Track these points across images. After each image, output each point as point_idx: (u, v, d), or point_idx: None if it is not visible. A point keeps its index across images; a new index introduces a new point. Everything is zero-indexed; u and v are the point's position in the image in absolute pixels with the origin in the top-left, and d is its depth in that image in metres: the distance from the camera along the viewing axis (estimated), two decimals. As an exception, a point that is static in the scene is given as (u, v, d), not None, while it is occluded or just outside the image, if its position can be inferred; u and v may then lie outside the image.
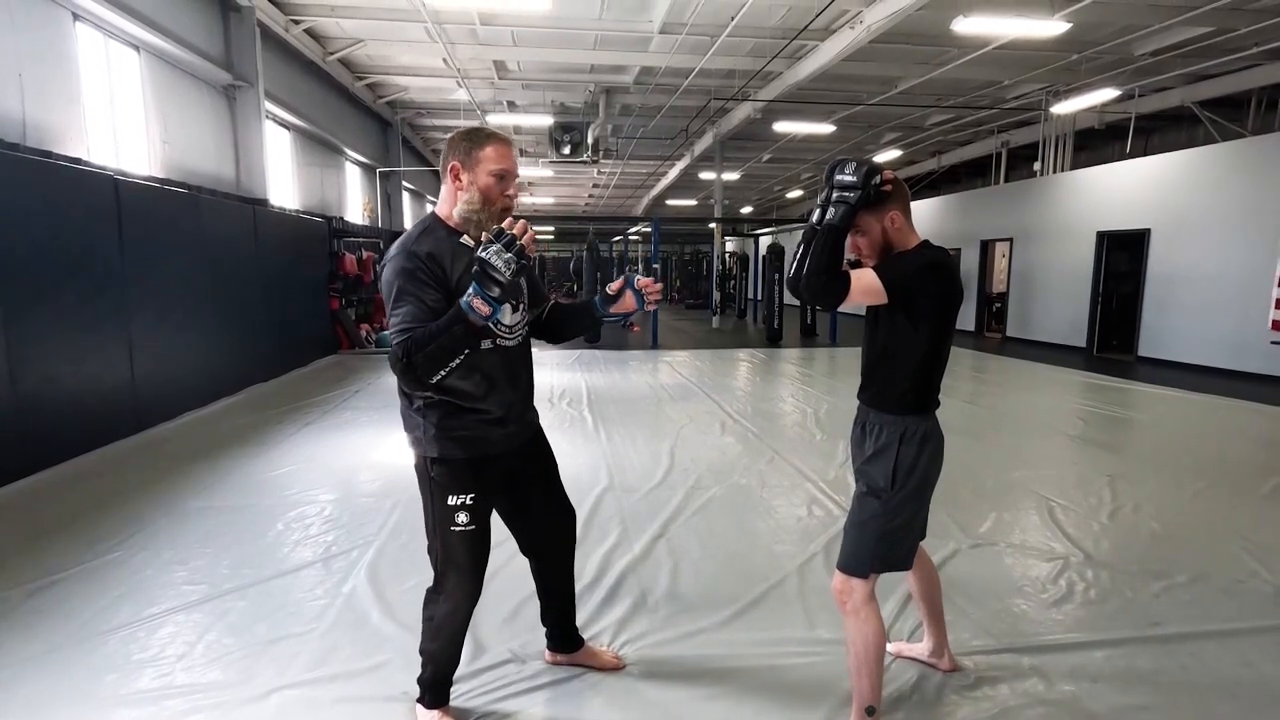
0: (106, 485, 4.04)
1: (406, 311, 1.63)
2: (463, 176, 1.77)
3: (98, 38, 5.88)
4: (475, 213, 1.75)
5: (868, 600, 1.83)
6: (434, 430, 1.80)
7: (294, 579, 2.88)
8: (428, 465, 1.83)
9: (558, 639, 2.25)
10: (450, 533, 1.83)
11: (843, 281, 1.75)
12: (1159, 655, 2.35)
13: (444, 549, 1.86)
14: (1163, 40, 8.64)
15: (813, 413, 6.24)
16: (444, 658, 1.95)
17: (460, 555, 1.85)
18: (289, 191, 9.87)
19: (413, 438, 1.85)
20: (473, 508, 1.83)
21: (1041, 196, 11.91)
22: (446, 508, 1.82)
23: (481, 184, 1.76)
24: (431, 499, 1.84)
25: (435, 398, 1.78)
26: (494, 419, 1.84)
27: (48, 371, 4.36)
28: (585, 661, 2.25)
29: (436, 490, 1.82)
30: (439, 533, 1.85)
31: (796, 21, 8.17)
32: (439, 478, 1.81)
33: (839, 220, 1.74)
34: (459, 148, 1.77)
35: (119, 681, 2.15)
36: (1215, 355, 8.78)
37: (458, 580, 1.87)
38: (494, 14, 8.26)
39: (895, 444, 1.83)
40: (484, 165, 1.76)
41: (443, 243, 1.74)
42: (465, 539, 1.83)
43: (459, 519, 1.82)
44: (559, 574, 2.18)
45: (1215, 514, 3.71)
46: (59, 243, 4.47)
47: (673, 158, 16.74)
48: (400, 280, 1.66)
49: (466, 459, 1.82)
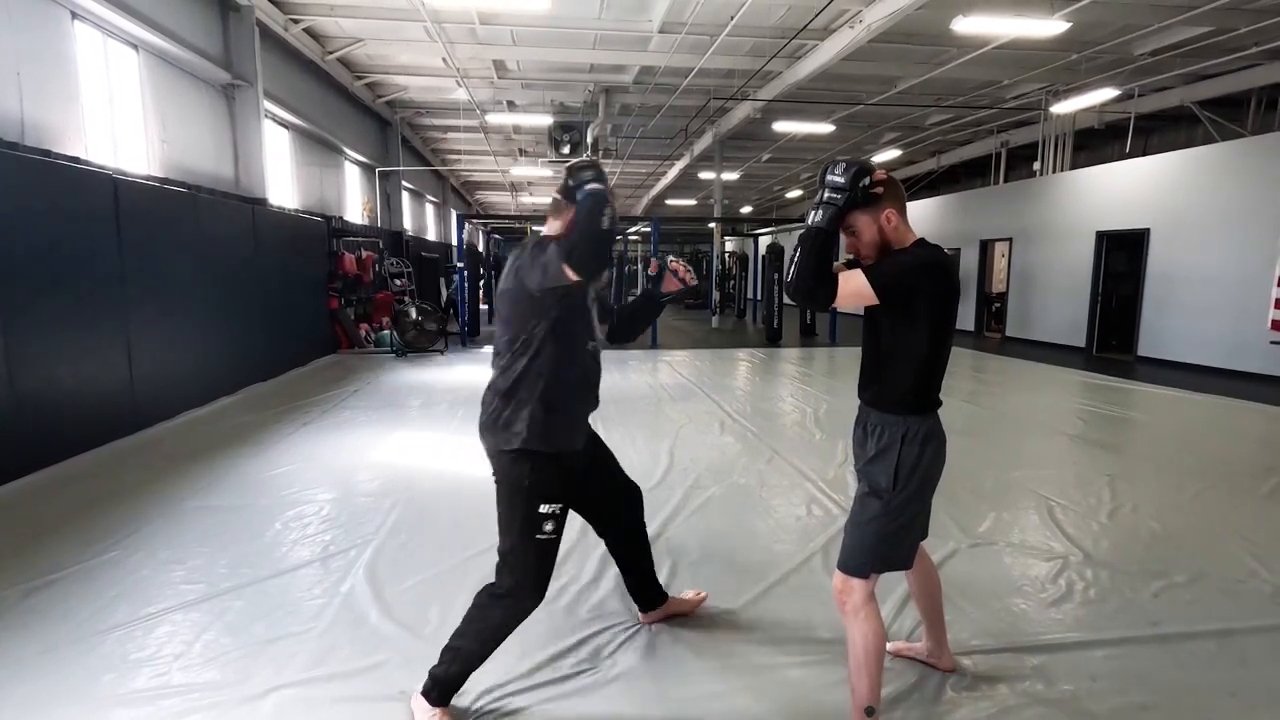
0: (104, 485, 4.03)
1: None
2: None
3: (96, 36, 5.87)
4: None
5: (867, 600, 1.83)
6: (536, 426, 1.93)
7: (292, 578, 2.87)
8: (524, 467, 1.92)
9: (647, 600, 2.47)
10: (534, 540, 1.92)
11: (830, 285, 1.75)
12: (1158, 655, 2.35)
13: (523, 554, 1.93)
14: (1162, 40, 8.64)
15: (812, 412, 6.24)
16: (476, 661, 1.98)
17: (538, 562, 1.95)
18: (288, 191, 9.86)
19: (509, 434, 1.94)
20: (559, 518, 1.95)
21: (1041, 196, 11.91)
22: (537, 515, 1.92)
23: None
24: (523, 503, 1.92)
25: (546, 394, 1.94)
26: (577, 420, 2.06)
27: (46, 371, 4.35)
28: (676, 610, 2.51)
29: (530, 494, 1.92)
30: (523, 538, 1.92)
31: (796, 21, 8.16)
32: (535, 483, 1.92)
33: (825, 223, 1.74)
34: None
35: (116, 681, 2.15)
36: (1214, 355, 8.78)
37: (528, 587, 1.94)
38: (493, 13, 8.25)
39: (897, 444, 1.82)
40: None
41: None
42: (547, 548, 1.95)
43: (546, 527, 1.93)
44: (636, 542, 2.42)
45: (1214, 514, 3.71)
46: (57, 242, 4.46)
47: (672, 157, 16.74)
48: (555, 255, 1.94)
49: (558, 454, 1.97)
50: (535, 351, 1.93)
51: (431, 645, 2.34)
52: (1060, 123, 11.60)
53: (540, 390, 1.93)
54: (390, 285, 12.02)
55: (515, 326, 1.96)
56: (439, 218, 20.55)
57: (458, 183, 22.53)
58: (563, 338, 1.95)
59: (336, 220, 10.83)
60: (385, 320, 11.22)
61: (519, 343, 1.95)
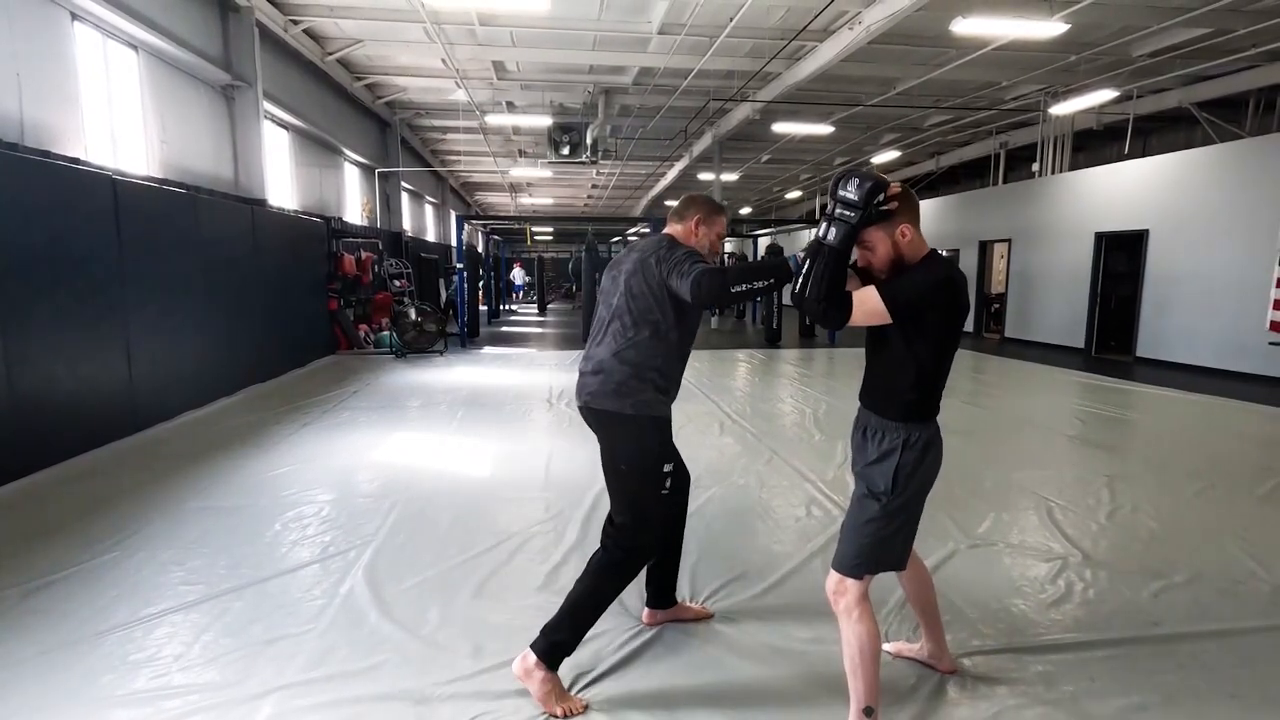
0: (104, 486, 4.03)
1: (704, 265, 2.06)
2: (700, 228, 2.28)
3: (96, 37, 5.87)
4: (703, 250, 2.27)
5: (861, 600, 1.83)
6: (659, 394, 2.14)
7: (291, 579, 2.87)
8: (652, 432, 2.12)
9: (658, 597, 2.51)
10: (660, 496, 2.14)
11: (844, 307, 1.73)
12: (1157, 655, 2.35)
13: (653, 510, 2.15)
14: (1161, 41, 8.65)
15: (811, 413, 6.24)
16: (595, 618, 2.13)
17: (658, 516, 2.17)
18: (287, 192, 9.86)
19: (634, 400, 2.11)
20: (673, 474, 2.18)
21: (1040, 197, 11.92)
22: (662, 474, 2.14)
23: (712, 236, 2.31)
24: (652, 464, 2.12)
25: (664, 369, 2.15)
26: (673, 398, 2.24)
27: (45, 371, 4.35)
28: (680, 616, 2.55)
29: (657, 459, 2.13)
30: (653, 497, 2.13)
31: (795, 22, 8.17)
32: (661, 445, 2.14)
33: (838, 242, 1.70)
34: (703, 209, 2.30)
35: (115, 682, 2.14)
36: (1213, 356, 8.79)
37: (649, 544, 2.16)
38: (493, 14, 8.26)
39: (898, 450, 1.82)
40: (715, 228, 2.31)
41: None
42: (666, 503, 2.19)
43: (667, 484, 2.15)
44: (677, 527, 2.48)
45: (1213, 514, 3.72)
46: (57, 243, 4.46)
47: (671, 158, 16.75)
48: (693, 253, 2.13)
49: (668, 421, 2.20)
50: (663, 331, 2.13)
51: (431, 646, 2.35)
52: (1059, 124, 11.62)
53: (661, 364, 2.13)
54: (389, 286, 12.02)
55: (645, 307, 2.13)
56: (438, 219, 20.55)
57: (457, 184, 22.53)
58: (684, 321, 2.17)
59: (336, 221, 10.83)
60: (384, 321, 11.21)
61: (647, 322, 2.13)
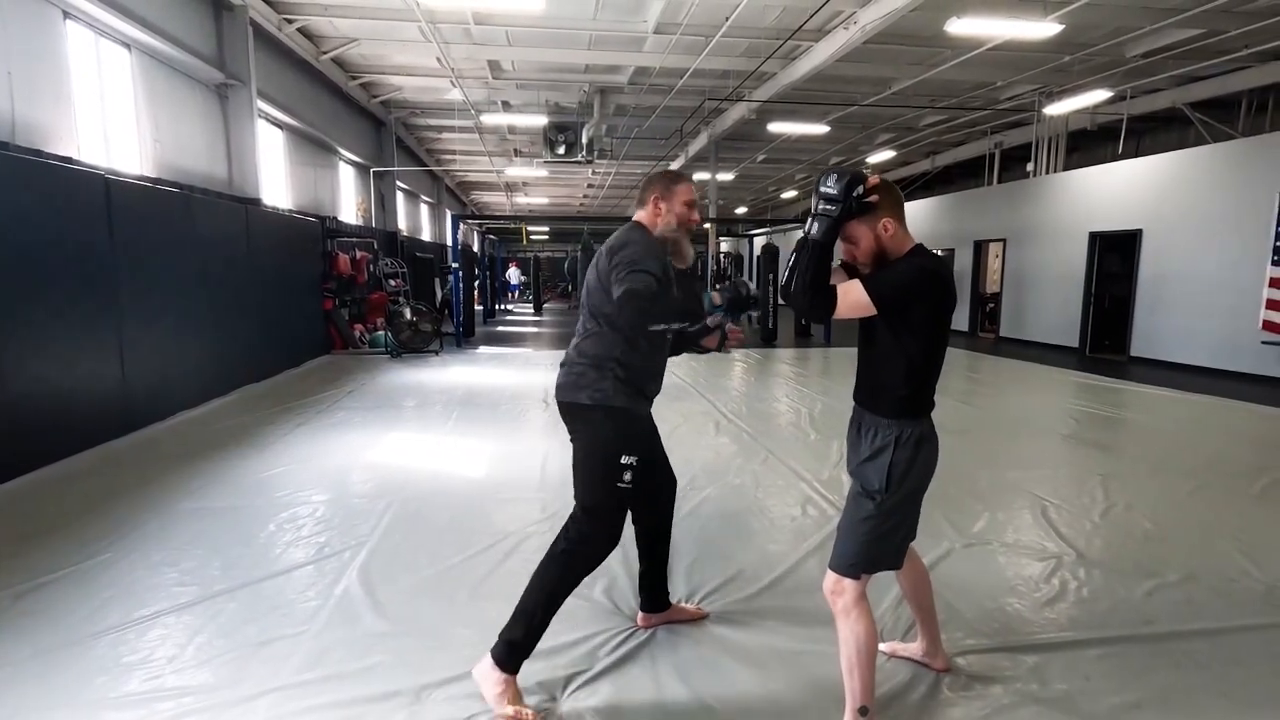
0: (97, 486, 4.01)
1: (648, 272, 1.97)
2: (662, 205, 2.20)
3: (88, 36, 5.83)
4: (672, 230, 2.20)
5: (859, 600, 1.83)
6: (620, 384, 2.09)
7: (286, 580, 2.86)
8: (608, 421, 2.08)
9: (651, 598, 2.50)
10: (615, 488, 2.07)
11: (828, 299, 1.75)
12: (1151, 654, 2.36)
13: (606, 502, 2.09)
14: (1154, 42, 8.69)
15: (807, 413, 6.25)
16: (552, 613, 2.07)
17: (617, 511, 2.11)
18: (282, 191, 9.83)
19: (591, 390, 2.09)
20: (637, 468, 2.10)
21: (1034, 197, 11.96)
22: (620, 465, 2.07)
23: (677, 211, 2.20)
24: (608, 454, 2.07)
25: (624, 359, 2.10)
26: (649, 393, 2.21)
27: (38, 371, 4.32)
28: (675, 617, 2.53)
29: (614, 446, 2.07)
30: (606, 487, 2.08)
31: (791, 22, 8.18)
32: (618, 435, 2.09)
33: (821, 235, 1.73)
34: (659, 185, 2.21)
35: (108, 684, 2.13)
36: (1206, 355, 8.84)
37: (603, 536, 2.09)
38: (488, 14, 8.24)
39: (891, 447, 1.83)
40: (678, 198, 2.20)
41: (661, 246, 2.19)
42: (624, 496, 2.10)
43: (626, 477, 2.08)
44: (662, 535, 2.47)
45: (1207, 513, 3.73)
46: (49, 242, 4.43)
47: (667, 158, 16.74)
48: (644, 254, 2.04)
49: (637, 414, 2.16)
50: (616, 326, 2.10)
51: (426, 647, 2.35)
52: (1053, 124, 11.66)
53: (620, 355, 2.09)
54: (385, 286, 11.98)
55: (599, 300, 2.11)
56: (434, 218, 20.51)
57: (453, 183, 22.49)
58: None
59: (331, 220, 10.79)
60: (380, 321, 11.19)
61: (603, 314, 2.11)
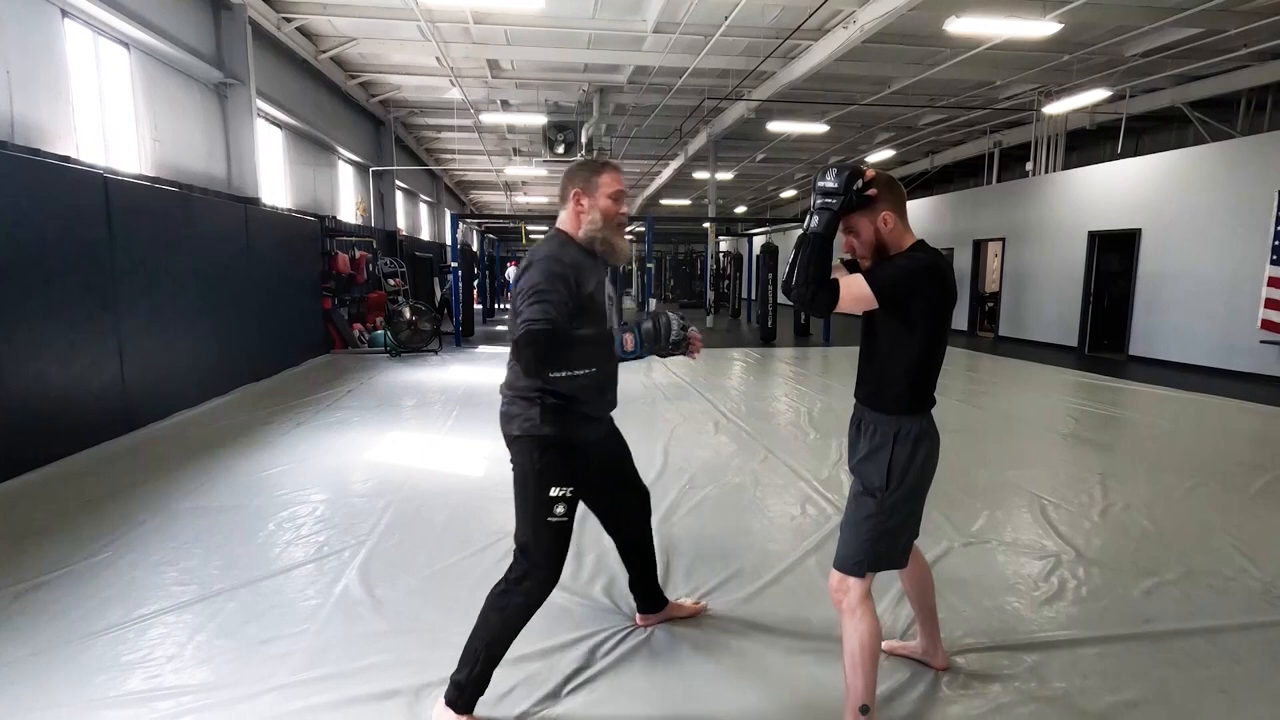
0: (96, 486, 4.00)
1: (548, 308, 1.79)
2: (584, 201, 2.00)
3: (87, 34, 5.83)
4: (598, 229, 1.99)
5: (864, 599, 1.84)
6: (548, 412, 1.94)
7: (285, 579, 2.86)
8: (534, 453, 1.94)
9: (646, 601, 2.48)
10: (546, 524, 1.94)
11: (831, 291, 1.75)
12: (1150, 652, 2.36)
13: (535, 539, 1.95)
14: (1153, 41, 8.70)
15: (806, 412, 6.25)
16: (499, 654, 1.97)
17: (552, 547, 1.96)
18: (281, 190, 9.82)
19: (520, 420, 1.96)
20: (570, 500, 1.96)
21: (1033, 196, 11.96)
22: (548, 499, 1.93)
23: (601, 205, 2.00)
24: (535, 488, 1.94)
25: (554, 388, 1.94)
26: (594, 416, 2.06)
27: (37, 371, 4.32)
28: (674, 614, 2.53)
29: (541, 479, 1.93)
30: (536, 522, 1.94)
31: (790, 21, 8.18)
32: (545, 467, 1.94)
33: (822, 228, 1.74)
34: (579, 178, 2.01)
35: (108, 683, 2.13)
36: (1205, 354, 8.84)
37: (544, 571, 1.96)
38: (487, 13, 8.24)
39: (890, 444, 1.83)
40: (602, 190, 2.00)
41: (578, 254, 1.97)
42: (559, 531, 1.96)
43: (557, 510, 1.94)
44: (642, 546, 2.42)
45: (1205, 512, 3.74)
46: (48, 241, 4.43)
47: (667, 157, 16.75)
48: (545, 281, 1.83)
49: (571, 442, 1.97)
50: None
51: (425, 646, 2.35)
52: (1052, 123, 11.66)
53: (547, 386, 1.93)
54: (384, 285, 11.98)
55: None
56: (433, 217, 20.49)
57: (452, 182, 22.47)
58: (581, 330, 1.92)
59: (330, 220, 10.78)
60: (379, 320, 11.18)
61: None
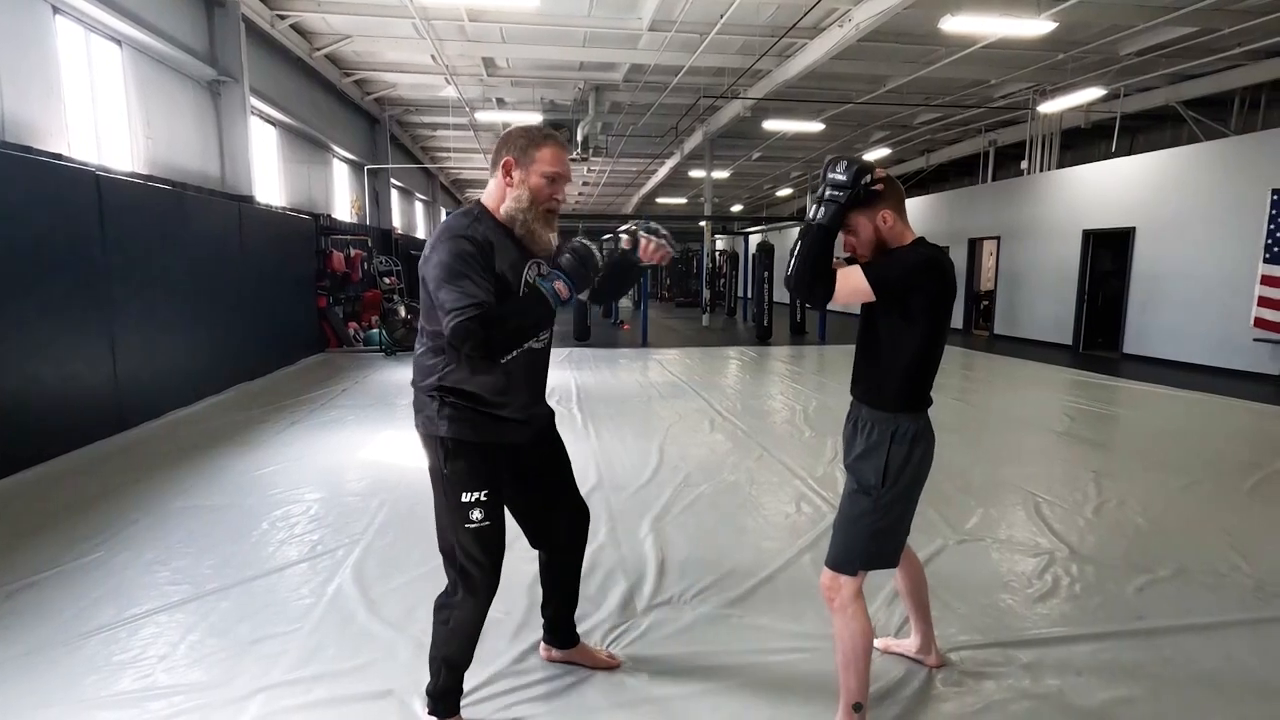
0: (88, 485, 3.98)
1: (468, 288, 1.61)
2: (514, 173, 1.77)
3: (78, 31, 5.79)
4: (522, 211, 1.77)
5: (855, 597, 1.83)
6: (449, 410, 1.77)
7: (279, 578, 2.85)
8: (439, 455, 1.78)
9: (555, 634, 2.23)
10: (465, 530, 1.78)
11: (828, 282, 1.76)
12: (1143, 648, 2.37)
13: (460, 548, 1.80)
14: (1148, 40, 8.72)
15: (802, 410, 6.26)
16: (458, 663, 1.90)
17: (476, 553, 1.80)
18: (275, 188, 9.78)
19: (422, 418, 1.81)
20: (486, 503, 1.79)
21: (1028, 195, 11.99)
22: (460, 505, 1.77)
23: (532, 184, 1.77)
24: (445, 496, 1.80)
25: (454, 388, 1.77)
26: (507, 417, 1.83)
27: (28, 370, 4.29)
28: (579, 659, 2.22)
29: (450, 486, 1.78)
30: (454, 531, 1.80)
31: (785, 19, 8.18)
32: (453, 473, 1.78)
33: (827, 220, 1.74)
34: (515, 144, 1.78)
35: (99, 683, 2.12)
36: (1199, 352, 8.88)
37: (475, 580, 1.82)
38: (482, 10, 8.21)
39: (887, 442, 1.82)
40: (538, 166, 1.77)
41: (493, 232, 1.76)
42: (480, 536, 1.79)
43: (473, 516, 1.77)
44: (566, 570, 2.16)
45: (1198, 509, 3.75)
46: (39, 240, 4.40)
47: (662, 155, 16.74)
48: (456, 262, 1.64)
49: (479, 443, 1.79)
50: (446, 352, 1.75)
51: (419, 645, 2.33)
52: (1047, 122, 11.69)
53: (457, 386, 1.77)
54: (379, 283, 11.95)
55: (427, 319, 1.77)
56: (428, 216, 20.46)
57: (447, 180, 22.42)
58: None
59: (324, 218, 10.76)
60: (374, 319, 11.15)
61: (426, 333, 1.78)
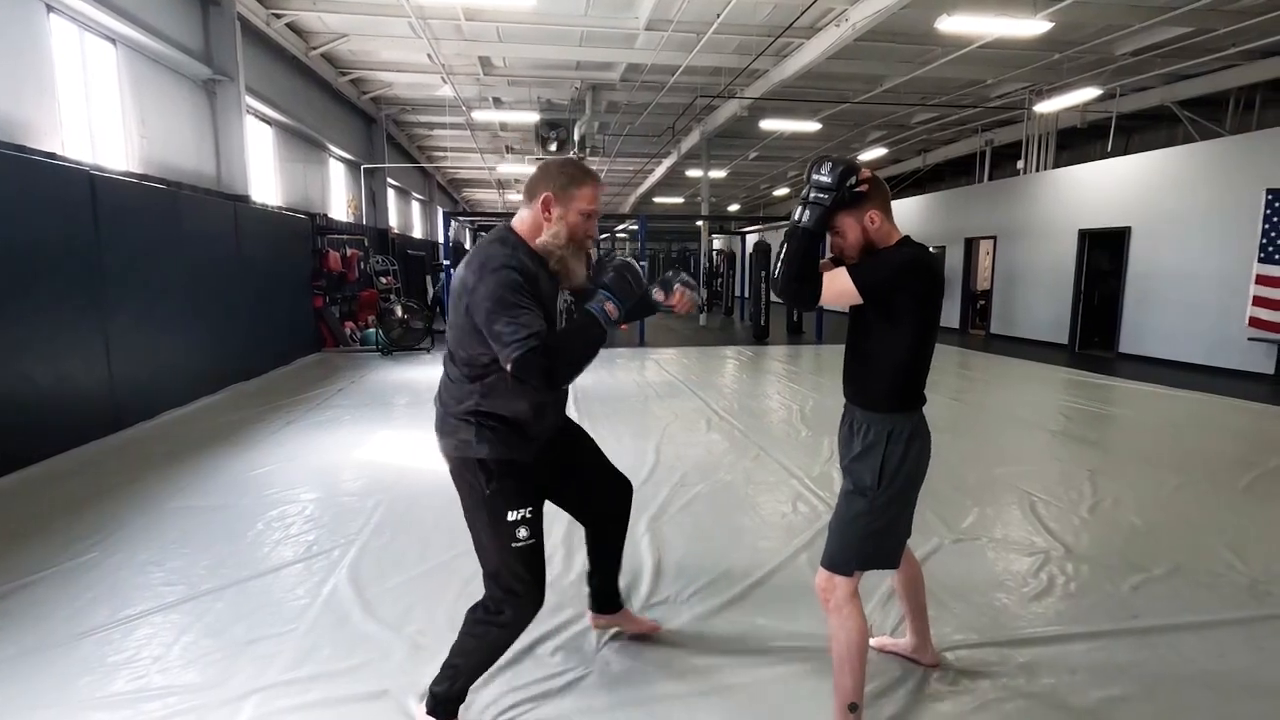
0: (83, 485, 3.97)
1: (524, 319, 1.64)
2: (553, 210, 1.79)
3: (73, 30, 5.77)
4: (559, 247, 1.80)
5: (851, 597, 1.83)
6: (488, 433, 1.79)
7: (274, 579, 2.85)
8: (479, 478, 1.79)
9: (602, 600, 2.35)
10: (511, 550, 1.78)
11: (815, 285, 1.75)
12: (1137, 647, 2.38)
13: (507, 568, 1.80)
14: (1143, 40, 8.74)
15: (798, 409, 6.26)
16: (478, 675, 1.93)
17: (522, 571, 1.81)
18: (271, 188, 9.75)
19: (455, 441, 1.81)
20: (531, 520, 1.81)
21: (1024, 195, 12.02)
22: (507, 524, 1.78)
23: (570, 221, 1.80)
24: (489, 516, 1.79)
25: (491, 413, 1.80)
26: (534, 436, 1.89)
27: (23, 370, 4.28)
28: (623, 624, 2.38)
29: (495, 505, 1.78)
30: (500, 551, 1.80)
31: (782, 19, 8.18)
32: (497, 494, 1.78)
33: (812, 224, 1.74)
34: (555, 180, 1.80)
35: (94, 684, 2.12)
36: (1194, 351, 8.91)
37: (523, 597, 1.82)
38: (479, 10, 8.20)
39: (883, 442, 1.82)
40: (577, 204, 1.80)
41: (531, 260, 1.78)
42: (525, 554, 1.80)
43: (519, 534, 1.78)
44: (616, 536, 2.28)
45: (1193, 508, 3.76)
46: (33, 239, 4.38)
47: (659, 155, 16.74)
48: (508, 293, 1.66)
49: (519, 462, 1.83)
50: (485, 379, 1.78)
51: (415, 646, 2.34)
52: (1043, 122, 11.71)
53: (494, 411, 1.80)
54: (376, 283, 11.93)
55: (457, 339, 1.78)
56: (425, 215, 20.43)
57: (444, 180, 22.40)
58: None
59: (321, 218, 10.73)
60: (371, 318, 11.14)
61: (460, 360, 1.80)
